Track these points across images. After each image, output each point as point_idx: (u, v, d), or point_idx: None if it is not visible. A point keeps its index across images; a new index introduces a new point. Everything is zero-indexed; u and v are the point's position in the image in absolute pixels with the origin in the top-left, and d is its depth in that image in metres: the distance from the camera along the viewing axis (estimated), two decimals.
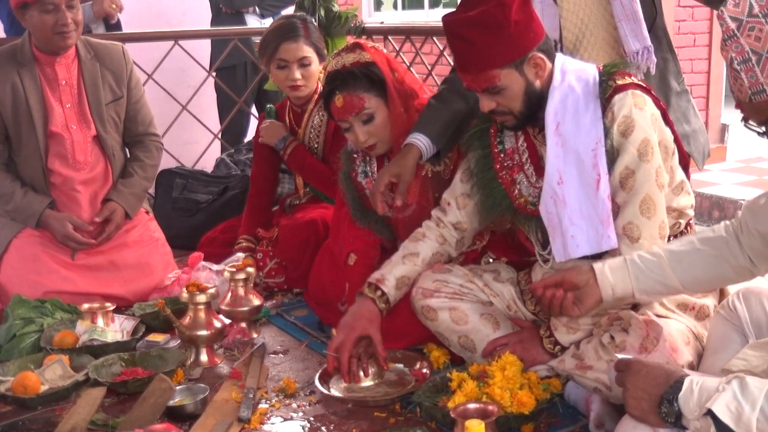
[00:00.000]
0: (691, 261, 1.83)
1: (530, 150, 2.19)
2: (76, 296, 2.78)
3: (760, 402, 1.34)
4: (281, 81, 3.06)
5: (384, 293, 2.26)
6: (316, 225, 2.99)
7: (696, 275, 1.84)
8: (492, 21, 1.95)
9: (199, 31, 4.68)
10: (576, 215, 2.02)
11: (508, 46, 1.97)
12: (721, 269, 1.82)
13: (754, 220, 1.75)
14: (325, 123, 3.10)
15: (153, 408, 1.99)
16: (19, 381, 2.19)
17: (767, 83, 1.37)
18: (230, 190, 3.76)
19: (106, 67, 3.02)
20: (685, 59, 6.02)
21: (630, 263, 1.87)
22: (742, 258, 1.79)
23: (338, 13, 4.13)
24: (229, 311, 2.60)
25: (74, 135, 2.95)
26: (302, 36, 2.99)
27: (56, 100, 2.94)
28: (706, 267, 1.83)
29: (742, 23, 1.38)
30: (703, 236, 1.86)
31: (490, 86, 2.01)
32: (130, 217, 3.05)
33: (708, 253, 1.82)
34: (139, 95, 3.12)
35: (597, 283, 1.87)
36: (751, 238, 1.77)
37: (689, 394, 1.42)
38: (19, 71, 2.89)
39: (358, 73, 2.44)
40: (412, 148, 2.37)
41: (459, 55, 2.04)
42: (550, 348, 2.11)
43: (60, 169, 2.95)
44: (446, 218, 2.33)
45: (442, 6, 7.86)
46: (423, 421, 2.03)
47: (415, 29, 4.87)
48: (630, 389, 1.51)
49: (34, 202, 2.91)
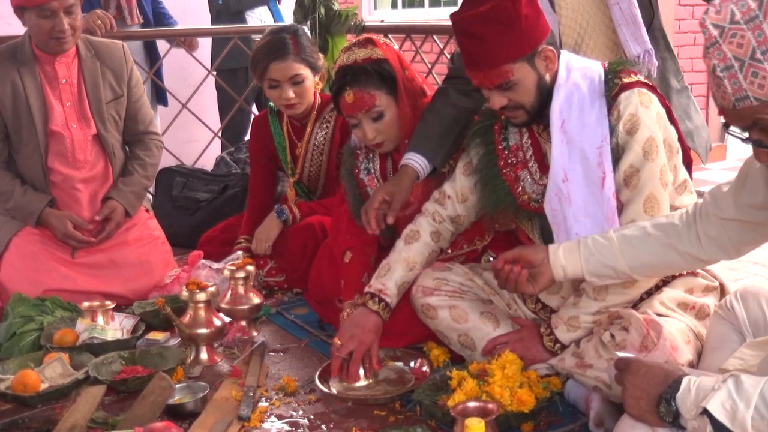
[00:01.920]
0: (641, 246, 1.87)
1: (534, 147, 2.19)
2: (76, 294, 2.79)
3: (755, 400, 1.34)
4: (275, 100, 3.00)
5: (387, 304, 2.27)
6: (314, 230, 2.98)
7: (644, 260, 1.87)
8: (503, 16, 1.94)
9: (199, 31, 4.67)
10: (581, 213, 2.02)
11: (520, 40, 1.96)
12: (668, 255, 1.85)
13: (715, 206, 1.78)
14: (329, 140, 3.07)
15: (153, 406, 1.99)
16: (19, 379, 2.20)
17: (750, 89, 1.38)
18: (230, 188, 3.76)
19: (106, 66, 3.01)
20: (686, 58, 6.02)
21: (582, 245, 1.92)
22: (689, 245, 1.82)
23: (338, 11, 4.12)
24: (229, 309, 2.60)
25: (74, 134, 2.95)
26: (291, 53, 2.89)
27: (56, 99, 2.93)
28: (654, 252, 1.86)
29: (724, 30, 1.39)
30: (657, 221, 1.89)
31: (503, 81, 2.00)
32: (130, 216, 3.04)
33: (658, 239, 1.85)
34: (139, 94, 3.12)
35: (549, 262, 1.93)
36: (708, 223, 1.79)
37: (687, 393, 1.42)
38: (19, 70, 2.89)
39: (369, 70, 2.41)
40: (408, 170, 2.36)
41: (470, 53, 2.02)
42: (550, 346, 2.11)
43: (60, 167, 2.95)
44: (444, 212, 2.32)
45: (443, 5, 7.85)
46: (423, 420, 2.03)
47: (416, 27, 4.87)
48: (629, 388, 1.51)
49: (34, 200, 2.90)
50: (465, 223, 2.35)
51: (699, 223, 1.81)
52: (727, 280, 2.18)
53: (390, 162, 2.60)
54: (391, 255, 2.34)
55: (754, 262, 3.53)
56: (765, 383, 1.35)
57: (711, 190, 1.83)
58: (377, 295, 2.27)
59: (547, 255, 1.94)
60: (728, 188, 1.77)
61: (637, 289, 2.03)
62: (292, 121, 3.14)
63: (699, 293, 2.11)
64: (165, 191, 3.82)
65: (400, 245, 2.35)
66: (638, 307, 2.06)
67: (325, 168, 3.12)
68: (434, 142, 2.37)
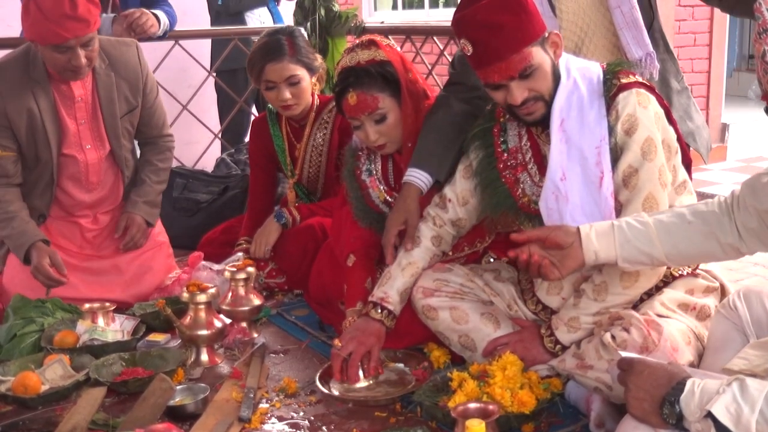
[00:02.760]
0: (680, 234, 1.81)
1: (534, 149, 2.19)
2: (77, 301, 2.75)
3: (760, 404, 1.34)
4: (272, 101, 3.00)
5: (390, 312, 2.27)
6: (314, 231, 2.97)
7: (682, 249, 1.82)
8: (512, 1, 1.95)
9: (199, 31, 4.67)
10: (578, 212, 2.02)
11: (533, 22, 1.97)
12: (708, 245, 1.80)
13: (753, 197, 1.74)
14: (327, 141, 3.07)
15: (153, 408, 1.99)
16: (19, 381, 2.20)
17: None
18: (230, 189, 3.76)
19: (121, 77, 2.90)
20: (686, 59, 6.02)
21: (617, 230, 1.85)
22: (731, 236, 1.78)
23: (338, 12, 4.13)
24: (229, 311, 2.60)
25: (88, 155, 2.89)
26: (287, 54, 2.90)
27: (71, 118, 2.84)
28: (694, 241, 1.81)
29: None
30: (695, 209, 1.83)
31: (526, 66, 1.98)
32: (152, 225, 3.02)
33: (698, 227, 1.80)
34: (153, 98, 3.03)
35: (581, 246, 1.86)
36: (747, 215, 1.76)
37: (691, 396, 1.42)
38: (33, 91, 2.76)
39: (373, 72, 2.40)
40: (412, 189, 2.35)
41: (487, 46, 1.97)
42: (551, 347, 2.11)
43: (73, 190, 2.92)
44: (446, 216, 2.33)
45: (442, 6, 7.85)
46: (423, 421, 2.03)
47: (416, 29, 4.88)
48: (632, 389, 1.51)
49: (28, 233, 2.76)
50: (466, 226, 2.35)
51: (737, 214, 1.77)
52: (727, 281, 2.18)
53: (391, 163, 2.60)
54: (393, 263, 2.35)
55: (754, 263, 3.53)
56: None
57: (748, 180, 1.78)
58: (379, 304, 2.27)
59: (579, 238, 1.86)
60: (767, 178, 1.72)
61: (637, 290, 2.03)
62: (290, 122, 3.14)
63: (699, 294, 2.11)
64: (165, 193, 3.79)
65: (401, 252, 2.35)
66: (639, 308, 2.06)
67: (324, 169, 3.12)
68: (437, 157, 2.36)
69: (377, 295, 2.30)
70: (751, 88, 11.05)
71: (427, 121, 2.43)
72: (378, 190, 2.57)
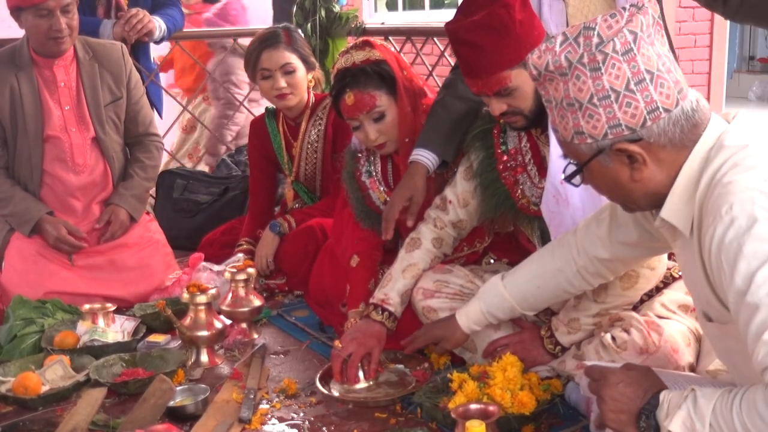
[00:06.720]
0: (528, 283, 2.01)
1: (533, 151, 2.19)
2: (76, 297, 2.78)
3: (708, 418, 1.33)
4: (268, 92, 3.01)
5: (391, 313, 2.27)
6: (314, 232, 2.98)
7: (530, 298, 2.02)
8: (497, 23, 1.94)
9: (199, 32, 4.68)
10: (579, 215, 2.02)
11: (516, 46, 1.96)
12: (556, 283, 1.95)
13: (593, 247, 1.85)
14: (322, 137, 3.08)
15: (154, 409, 2.00)
16: (19, 381, 2.20)
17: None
18: (231, 190, 3.76)
19: (104, 68, 3.00)
20: (686, 60, 6.03)
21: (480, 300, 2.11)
22: (582, 260, 1.88)
23: (339, 14, 4.13)
24: (229, 312, 2.60)
25: (73, 137, 2.94)
26: (283, 42, 2.96)
27: (55, 103, 2.93)
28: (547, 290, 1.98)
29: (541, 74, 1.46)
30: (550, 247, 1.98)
31: (502, 88, 2.00)
32: (135, 220, 3.04)
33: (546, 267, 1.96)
34: (138, 95, 3.11)
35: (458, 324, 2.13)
36: (627, 230, 1.78)
37: (662, 409, 1.42)
38: (17, 75, 2.88)
39: (369, 71, 2.41)
40: (419, 167, 2.34)
41: (467, 61, 2.02)
42: (551, 348, 2.11)
43: (60, 172, 2.94)
44: (446, 217, 2.33)
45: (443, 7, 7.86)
46: (424, 422, 2.03)
47: (416, 30, 4.87)
48: (608, 401, 1.49)
49: (33, 209, 2.89)
50: (467, 227, 2.35)
51: (615, 233, 1.81)
52: None
53: (390, 164, 2.60)
54: (394, 264, 2.35)
55: None
56: (717, 399, 1.34)
57: (579, 229, 1.89)
58: (380, 306, 2.27)
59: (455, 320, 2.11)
60: (600, 229, 1.82)
61: (637, 291, 2.03)
62: (287, 121, 3.15)
63: None
64: (166, 194, 3.83)
65: (401, 254, 2.35)
66: (639, 309, 2.06)
67: (321, 165, 3.14)
68: (444, 137, 2.36)
69: (378, 297, 2.30)
70: (751, 90, 11.05)
71: (434, 104, 2.43)
72: (378, 191, 2.57)
